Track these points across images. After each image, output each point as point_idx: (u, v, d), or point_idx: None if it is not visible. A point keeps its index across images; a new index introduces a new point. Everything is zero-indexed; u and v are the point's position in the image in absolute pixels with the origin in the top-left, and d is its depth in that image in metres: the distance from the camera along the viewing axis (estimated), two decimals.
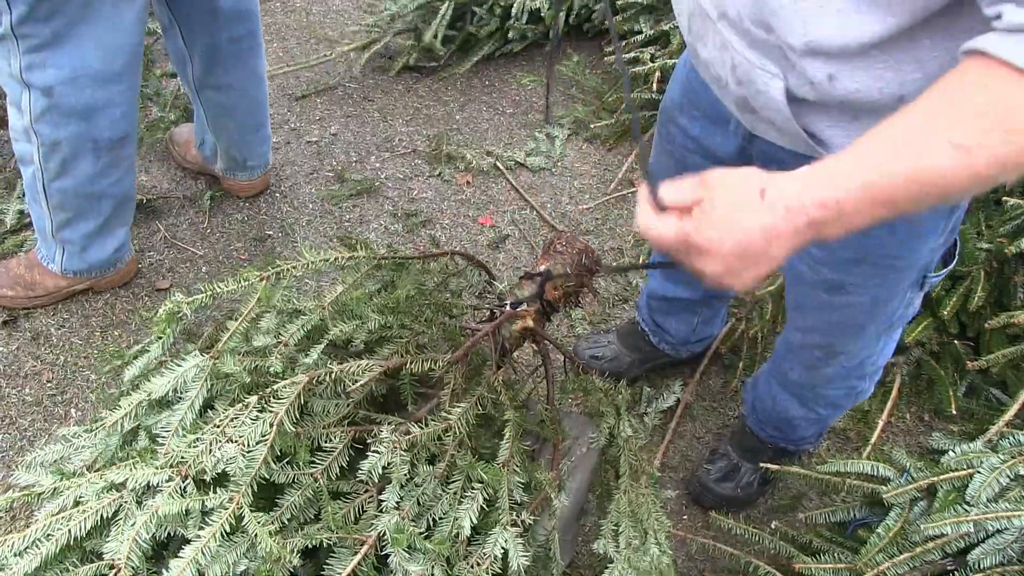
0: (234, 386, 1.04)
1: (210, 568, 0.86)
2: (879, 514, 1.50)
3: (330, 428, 1.04)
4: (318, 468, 1.00)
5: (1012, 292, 1.86)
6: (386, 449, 0.99)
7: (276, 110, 2.99)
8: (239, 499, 0.90)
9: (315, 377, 1.03)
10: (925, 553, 1.32)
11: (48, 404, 2.06)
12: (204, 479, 0.93)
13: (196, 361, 1.02)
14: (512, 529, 1.03)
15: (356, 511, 1.01)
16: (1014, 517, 1.26)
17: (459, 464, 1.07)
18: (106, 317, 2.26)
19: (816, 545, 1.50)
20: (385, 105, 3.02)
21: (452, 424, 1.07)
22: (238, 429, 0.95)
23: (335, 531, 0.95)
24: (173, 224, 2.54)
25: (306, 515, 0.99)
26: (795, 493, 1.84)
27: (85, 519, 0.91)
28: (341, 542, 0.95)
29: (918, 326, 1.92)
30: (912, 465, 1.47)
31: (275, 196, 2.63)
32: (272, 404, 0.98)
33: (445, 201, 2.63)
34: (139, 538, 0.87)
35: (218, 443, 0.94)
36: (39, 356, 2.17)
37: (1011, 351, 1.76)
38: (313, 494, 0.98)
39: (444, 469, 1.05)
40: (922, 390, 2.00)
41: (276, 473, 0.96)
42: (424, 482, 1.02)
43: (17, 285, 2.21)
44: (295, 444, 0.99)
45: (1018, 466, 1.34)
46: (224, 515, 0.88)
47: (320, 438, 1.03)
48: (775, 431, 1.75)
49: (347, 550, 0.95)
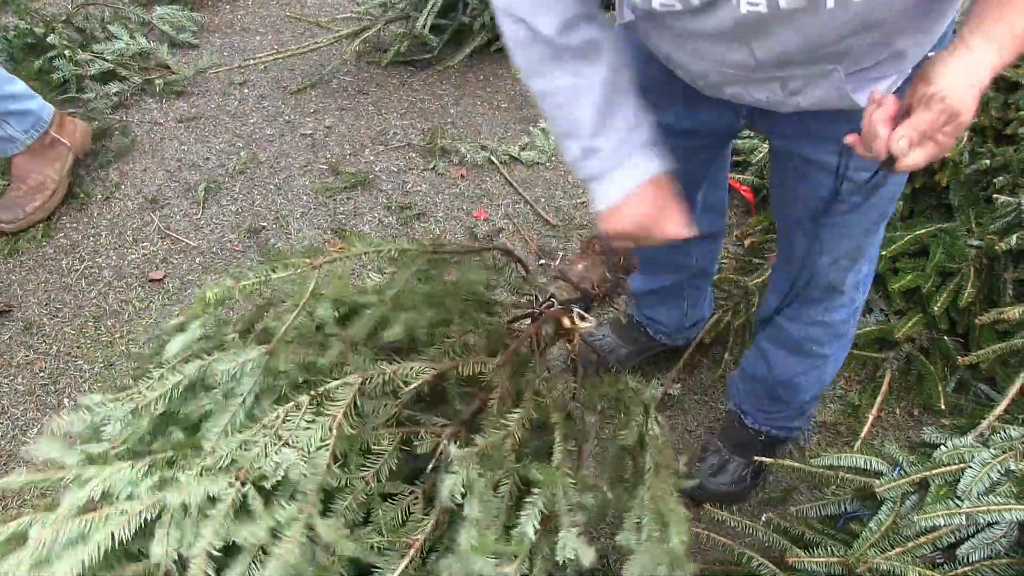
0: (283, 383, 1.02)
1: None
2: (870, 508, 1.52)
3: (378, 430, 1.02)
4: (369, 471, 0.98)
5: (1002, 289, 1.89)
6: (461, 468, 0.97)
7: (271, 103, 2.98)
8: (309, 509, 0.88)
9: (368, 378, 1.02)
10: (917, 548, 1.33)
11: (41, 394, 2.06)
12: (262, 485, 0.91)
13: (253, 354, 0.99)
14: (575, 530, 1.00)
15: (403, 513, 1.00)
16: (1005, 511, 1.27)
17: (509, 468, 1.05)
18: (99, 307, 2.26)
19: (808, 537, 1.52)
20: (380, 98, 3.02)
21: (511, 430, 1.06)
22: (293, 432, 0.93)
23: (385, 535, 0.95)
24: (167, 215, 2.53)
25: (356, 518, 0.97)
26: (786, 487, 1.86)
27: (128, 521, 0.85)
28: (390, 545, 0.95)
29: (908, 322, 1.94)
30: (904, 459, 1.49)
31: (269, 188, 2.63)
32: (327, 406, 0.97)
33: (439, 194, 2.63)
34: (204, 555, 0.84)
35: (274, 446, 0.91)
36: (31, 346, 2.16)
37: (1000, 347, 1.77)
38: (366, 497, 0.97)
39: (500, 475, 1.03)
40: (912, 385, 2.02)
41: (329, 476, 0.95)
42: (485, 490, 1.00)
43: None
44: (345, 448, 0.98)
45: (1009, 461, 1.36)
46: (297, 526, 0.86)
47: (369, 440, 1.01)
48: (774, 406, 1.75)
49: (395, 553, 0.94)
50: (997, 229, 1.92)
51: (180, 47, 3.27)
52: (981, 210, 2.03)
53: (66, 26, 3.11)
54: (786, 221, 1.49)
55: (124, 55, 3.07)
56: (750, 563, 1.51)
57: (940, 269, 1.94)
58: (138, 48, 3.10)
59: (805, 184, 1.34)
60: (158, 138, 2.83)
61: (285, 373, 1.01)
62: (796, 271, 1.48)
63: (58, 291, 2.30)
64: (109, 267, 2.37)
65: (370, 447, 1.01)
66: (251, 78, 3.12)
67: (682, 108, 1.35)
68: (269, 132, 2.86)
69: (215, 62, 3.18)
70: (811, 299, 1.54)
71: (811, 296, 1.52)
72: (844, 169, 1.22)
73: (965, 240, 1.94)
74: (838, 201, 1.28)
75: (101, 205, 2.57)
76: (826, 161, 1.27)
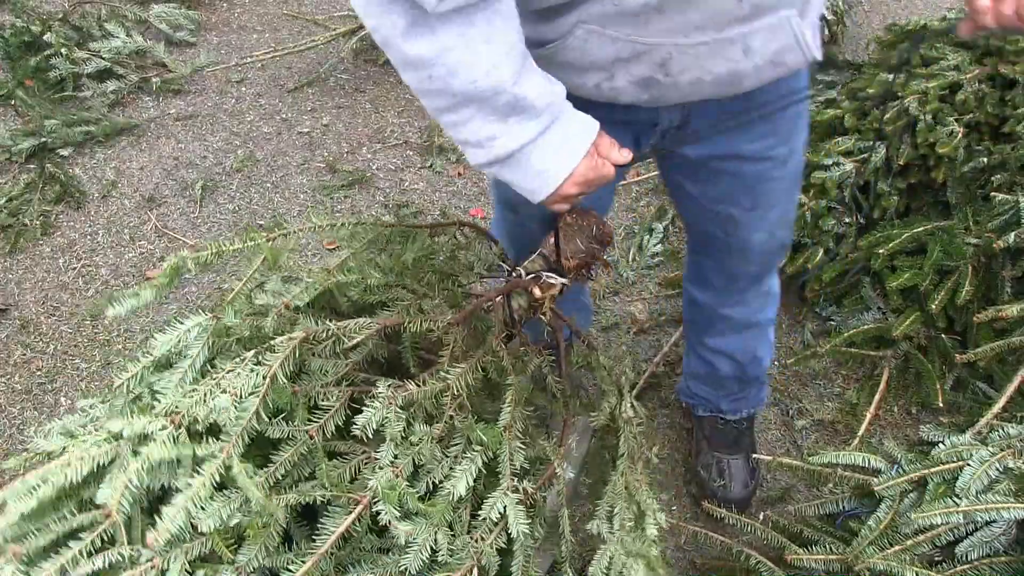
0: (234, 342, 1.03)
1: (203, 521, 0.84)
2: (868, 506, 1.52)
3: (328, 387, 1.02)
4: (313, 425, 0.98)
5: (1000, 287, 1.88)
6: (381, 405, 0.97)
7: (268, 101, 2.98)
8: (229, 449, 0.88)
9: (312, 334, 1.01)
10: (915, 546, 1.33)
11: (38, 392, 2.05)
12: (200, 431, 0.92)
13: (198, 320, 1.01)
14: (512, 495, 1.01)
15: (352, 471, 0.99)
16: (1003, 509, 1.27)
17: (458, 427, 1.05)
18: (96, 306, 2.25)
19: (807, 535, 1.52)
20: (377, 96, 3.01)
21: (450, 384, 1.05)
22: (232, 381, 0.93)
23: (329, 488, 0.93)
24: (164, 214, 2.53)
25: (301, 473, 0.97)
26: (785, 485, 1.86)
27: (81, 465, 0.89)
28: (335, 500, 0.94)
29: (906, 320, 1.94)
30: (903, 457, 1.49)
31: (266, 186, 2.62)
32: (268, 359, 0.97)
33: (437, 192, 2.63)
34: (131, 484, 0.86)
35: (213, 394, 0.92)
36: (28, 344, 2.16)
37: (998, 345, 1.77)
38: (308, 451, 0.97)
39: (441, 430, 1.03)
40: (910, 383, 2.02)
41: (270, 428, 0.95)
42: (420, 442, 1.00)
43: None
44: (292, 401, 0.97)
45: (1007, 459, 1.35)
46: (214, 464, 0.86)
47: (318, 397, 1.01)
48: (746, 388, 1.77)
49: (341, 509, 0.93)
50: (995, 227, 1.91)
51: (177, 45, 3.27)
52: (979, 208, 2.03)
53: (63, 24, 3.10)
54: (709, 221, 1.45)
55: (121, 53, 3.06)
56: (748, 561, 1.51)
57: (938, 267, 1.94)
58: (135, 46, 3.10)
59: (734, 180, 1.34)
60: (155, 136, 2.82)
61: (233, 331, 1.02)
62: (731, 260, 1.51)
63: (55, 290, 2.30)
64: (106, 266, 2.37)
65: (318, 404, 1.00)
66: (248, 76, 3.11)
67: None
68: (266, 130, 2.85)
69: (212, 60, 3.18)
70: (752, 277, 1.55)
71: (751, 274, 1.54)
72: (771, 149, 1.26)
73: (963, 238, 1.93)
74: (769, 180, 1.33)
75: (98, 204, 2.57)
76: (758, 148, 1.28)
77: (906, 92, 2.16)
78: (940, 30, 2.33)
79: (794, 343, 2.16)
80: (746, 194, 1.36)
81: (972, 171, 2.08)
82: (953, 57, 2.23)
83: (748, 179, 1.33)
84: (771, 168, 1.32)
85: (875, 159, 2.13)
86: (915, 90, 2.15)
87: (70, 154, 2.74)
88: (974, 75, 2.15)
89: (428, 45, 0.92)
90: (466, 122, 0.99)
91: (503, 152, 1.01)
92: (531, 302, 1.28)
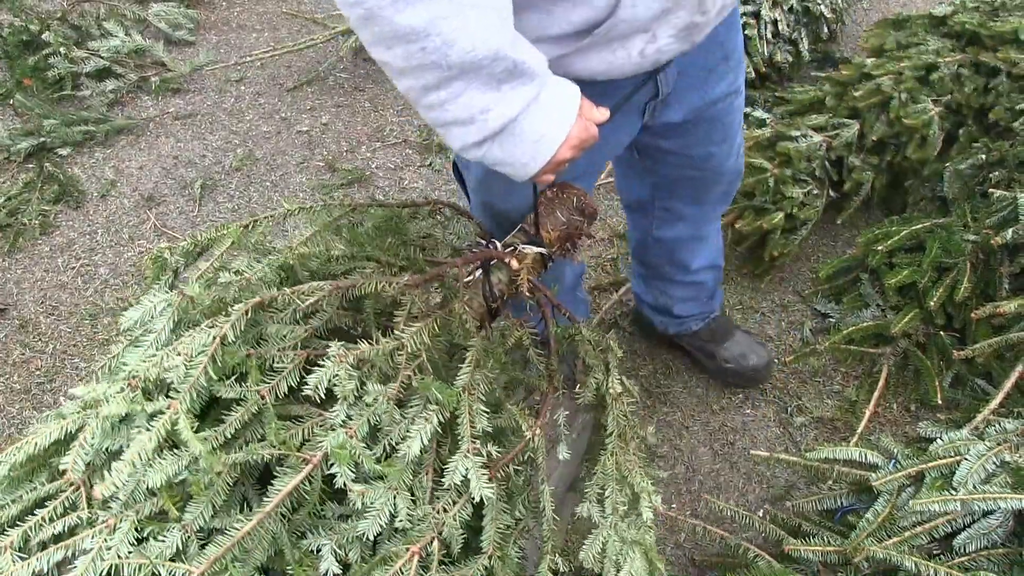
0: (198, 313, 1.03)
1: (150, 476, 0.84)
2: (867, 501, 1.52)
3: (284, 351, 1.00)
4: (265, 386, 0.96)
5: (998, 283, 1.89)
6: (332, 363, 0.95)
7: (267, 100, 2.98)
8: (176, 405, 0.87)
9: (267, 299, 1.01)
10: (913, 537, 1.34)
11: (37, 392, 2.05)
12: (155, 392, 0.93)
13: (164, 295, 1.01)
14: (474, 458, 0.97)
15: (306, 433, 0.97)
16: (1001, 499, 1.28)
17: (415, 386, 1.02)
18: (95, 305, 2.25)
19: (805, 529, 1.52)
20: (376, 95, 3.02)
21: (405, 343, 1.02)
22: (186, 344, 0.93)
23: (277, 447, 0.91)
24: (163, 213, 2.53)
25: (254, 435, 0.96)
26: (785, 482, 1.86)
27: (49, 433, 0.91)
28: (286, 461, 0.92)
29: (905, 317, 1.94)
30: (900, 452, 1.49)
31: (266, 185, 2.63)
32: (221, 321, 0.96)
33: (436, 191, 2.63)
34: (85, 442, 0.87)
35: (168, 358, 0.92)
36: (27, 344, 2.16)
37: (996, 341, 1.77)
38: (259, 412, 0.95)
39: (398, 390, 1.00)
40: (908, 380, 2.02)
41: (223, 388, 0.94)
42: (375, 403, 0.97)
43: None
44: (245, 363, 0.96)
45: (1004, 453, 1.36)
46: (161, 420, 0.86)
47: (272, 360, 0.99)
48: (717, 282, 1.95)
49: (292, 470, 0.91)
50: (993, 223, 1.92)
51: (176, 44, 3.27)
52: (977, 205, 2.03)
53: (61, 23, 3.11)
54: (685, 167, 1.55)
55: (120, 52, 3.06)
56: (747, 556, 1.51)
57: (936, 264, 1.94)
58: (134, 45, 3.10)
59: (711, 124, 1.44)
60: (154, 136, 2.83)
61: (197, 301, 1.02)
62: (704, 190, 1.62)
63: (54, 289, 2.30)
64: (105, 265, 2.37)
65: (273, 367, 0.99)
66: (248, 75, 3.12)
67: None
68: (266, 129, 2.85)
69: (211, 59, 3.18)
70: (722, 196, 1.69)
71: (721, 193, 1.67)
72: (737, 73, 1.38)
73: (961, 235, 1.94)
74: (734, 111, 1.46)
75: (97, 203, 2.57)
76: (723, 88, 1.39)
77: (881, 72, 2.19)
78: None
79: (793, 341, 2.16)
80: (719, 130, 1.47)
81: (970, 168, 2.08)
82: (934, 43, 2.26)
83: (720, 117, 1.44)
84: (734, 99, 1.44)
85: (846, 135, 2.18)
86: (890, 70, 2.18)
87: (69, 153, 2.74)
88: (953, 59, 2.18)
89: (420, 13, 0.86)
90: (455, 97, 0.94)
91: (498, 123, 0.97)
92: (511, 276, 1.24)
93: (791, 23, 2.78)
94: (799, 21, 2.82)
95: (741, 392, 2.05)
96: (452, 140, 1.00)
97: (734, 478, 1.88)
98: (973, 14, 2.29)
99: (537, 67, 0.96)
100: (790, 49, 2.78)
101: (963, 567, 1.30)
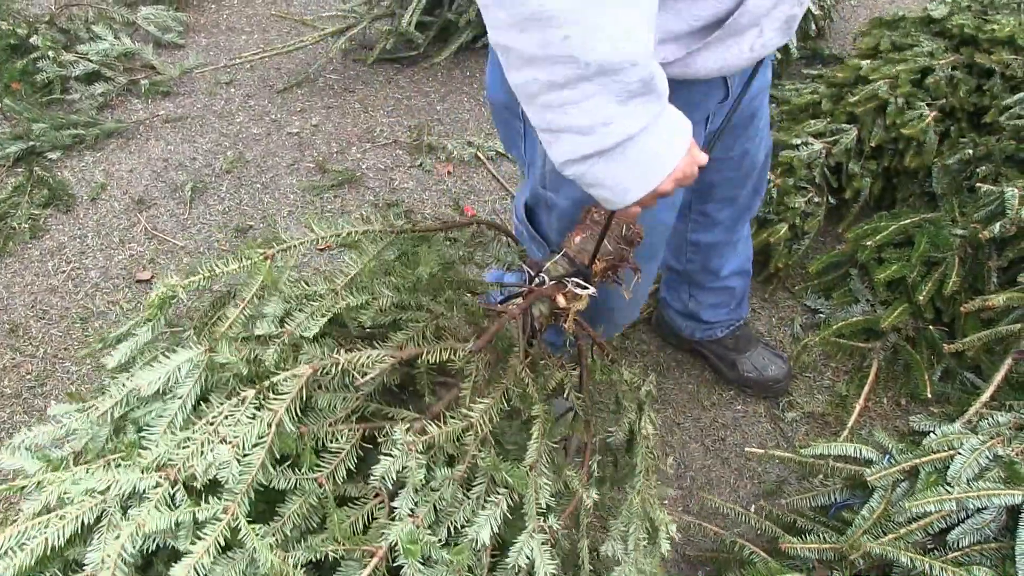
0: (230, 378, 0.94)
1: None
2: (860, 496, 1.53)
3: (336, 426, 0.93)
4: (323, 472, 0.89)
5: (986, 277, 1.90)
6: (400, 452, 0.88)
7: (257, 102, 2.98)
8: (234, 509, 0.80)
9: (319, 369, 0.92)
10: (909, 534, 1.34)
11: (28, 396, 2.05)
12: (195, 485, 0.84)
13: (190, 354, 0.91)
14: (539, 536, 0.93)
15: (365, 519, 0.91)
16: (994, 496, 1.29)
17: (480, 465, 0.96)
18: (86, 309, 2.25)
19: (800, 525, 1.53)
20: (366, 96, 3.02)
21: (474, 422, 0.96)
22: (233, 428, 0.84)
23: (341, 542, 0.85)
24: (154, 216, 2.53)
25: (310, 524, 0.89)
26: (777, 477, 1.87)
27: (64, 526, 0.81)
28: (348, 554, 0.86)
29: (894, 312, 1.95)
30: (894, 447, 1.49)
31: (256, 187, 2.62)
32: (271, 400, 0.88)
33: (426, 191, 2.63)
34: (124, 551, 0.78)
35: (210, 444, 0.83)
36: (18, 348, 2.15)
37: (985, 334, 1.79)
38: (318, 501, 0.88)
39: (464, 471, 0.94)
40: (898, 375, 2.03)
41: (276, 478, 0.86)
42: (442, 486, 0.92)
43: None
44: (297, 445, 0.89)
45: (997, 447, 1.37)
46: (218, 528, 0.78)
47: (325, 438, 0.92)
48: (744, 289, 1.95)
49: (355, 563, 0.85)
50: (981, 218, 1.93)
51: (165, 47, 3.26)
52: (965, 199, 2.05)
53: (49, 27, 3.09)
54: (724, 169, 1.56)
55: (109, 56, 3.05)
56: (742, 552, 1.51)
57: (925, 259, 1.95)
58: (123, 49, 3.09)
59: (750, 120, 1.47)
60: (144, 139, 2.82)
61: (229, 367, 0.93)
62: (739, 188, 1.63)
63: (44, 293, 2.29)
64: (96, 268, 2.36)
65: (326, 445, 0.92)
66: (237, 77, 3.11)
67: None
68: (256, 131, 2.85)
69: (201, 62, 3.17)
70: (753, 193, 1.70)
71: (752, 190, 1.68)
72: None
73: (949, 229, 1.95)
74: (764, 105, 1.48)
75: (87, 206, 2.56)
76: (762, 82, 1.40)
77: (877, 76, 2.20)
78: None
79: (784, 336, 2.17)
80: (755, 126, 1.49)
81: (957, 163, 2.09)
82: (928, 44, 2.27)
83: (757, 112, 1.47)
84: (766, 93, 1.47)
85: (845, 140, 2.18)
86: (886, 74, 2.19)
87: (58, 157, 2.73)
88: (947, 61, 2.19)
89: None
90: (582, 100, 0.84)
91: (615, 139, 0.87)
92: (552, 309, 1.17)
93: None
94: None
95: (731, 388, 2.06)
96: (559, 149, 0.91)
97: (725, 474, 1.89)
98: (967, 15, 2.31)
99: (664, 86, 0.89)
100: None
101: (957, 562, 1.30)
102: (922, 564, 1.29)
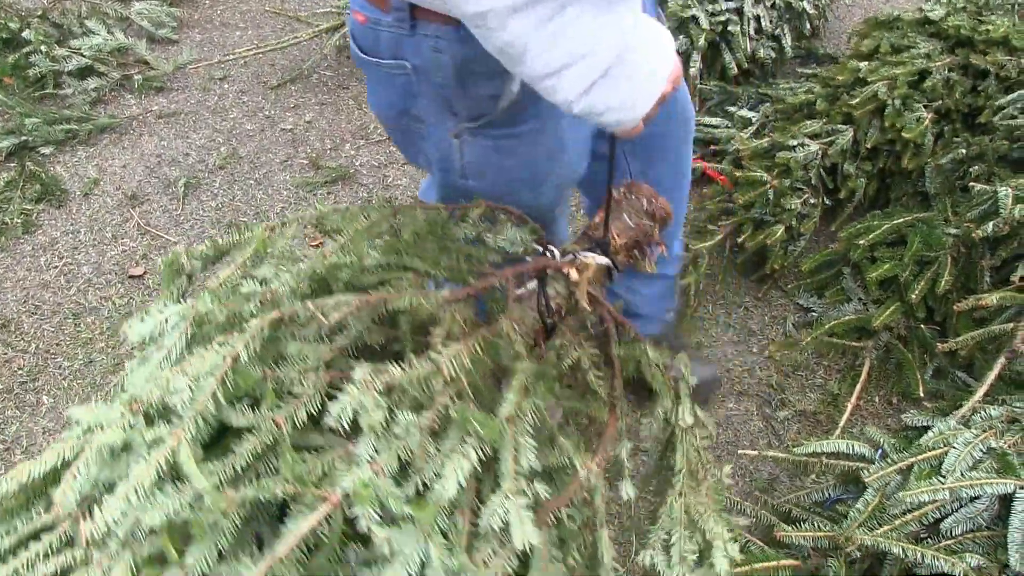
0: (211, 330, 0.92)
1: (147, 515, 0.74)
2: (854, 492, 1.53)
3: (305, 373, 0.89)
4: (281, 412, 0.85)
5: (979, 276, 1.91)
6: (358, 390, 0.83)
7: (251, 98, 2.97)
8: (179, 434, 0.77)
9: (288, 314, 0.90)
10: (903, 525, 1.35)
11: (19, 391, 2.04)
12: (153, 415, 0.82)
13: (176, 308, 0.90)
14: (517, 499, 0.84)
15: (326, 467, 0.84)
16: (987, 484, 1.30)
17: (452, 416, 0.89)
18: (78, 304, 2.24)
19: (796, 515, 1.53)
20: (360, 93, 3.01)
21: (442, 366, 0.90)
22: (195, 365, 0.83)
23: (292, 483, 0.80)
24: (147, 211, 2.52)
25: (268, 468, 0.84)
26: (768, 475, 1.87)
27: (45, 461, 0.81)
28: (300, 499, 0.80)
29: (886, 310, 1.96)
30: (886, 442, 1.50)
31: (249, 183, 2.62)
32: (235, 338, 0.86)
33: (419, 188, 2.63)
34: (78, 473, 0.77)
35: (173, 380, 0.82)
36: (9, 343, 2.14)
37: (978, 333, 1.79)
38: (273, 442, 0.83)
39: (433, 420, 0.88)
40: (890, 374, 2.04)
41: (231, 414, 0.83)
42: (406, 433, 0.85)
43: None
44: (260, 387, 0.85)
45: (990, 440, 1.38)
46: (162, 450, 0.76)
47: (292, 383, 0.88)
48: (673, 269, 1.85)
49: (307, 509, 0.79)
50: (973, 217, 1.94)
51: (159, 42, 3.25)
52: (957, 199, 2.06)
53: (42, 21, 3.08)
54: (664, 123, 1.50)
55: (102, 51, 3.04)
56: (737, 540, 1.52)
57: (918, 258, 1.96)
58: (116, 44, 3.08)
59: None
60: (137, 134, 2.81)
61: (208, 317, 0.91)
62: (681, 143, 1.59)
63: (36, 288, 2.28)
64: (88, 264, 2.35)
65: (291, 391, 0.88)
66: (231, 73, 3.10)
67: None
68: (249, 127, 2.84)
69: (194, 57, 3.16)
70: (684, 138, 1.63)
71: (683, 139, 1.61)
72: None
73: (942, 228, 1.96)
74: None
75: (80, 202, 2.55)
76: None
77: (875, 78, 2.20)
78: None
79: (776, 335, 2.17)
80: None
81: (950, 162, 2.10)
82: (924, 46, 2.27)
83: None
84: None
85: (842, 141, 2.19)
86: (884, 76, 2.20)
87: (51, 152, 2.72)
88: (944, 63, 2.19)
89: None
90: (569, 25, 0.84)
91: (614, 53, 0.88)
92: (570, 287, 1.10)
93: (774, 19, 2.79)
94: (782, 17, 2.84)
95: (724, 387, 2.06)
96: (564, 90, 0.90)
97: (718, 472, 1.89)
98: (962, 15, 2.32)
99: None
100: (773, 45, 2.80)
101: (949, 550, 1.31)
102: (915, 553, 1.30)
